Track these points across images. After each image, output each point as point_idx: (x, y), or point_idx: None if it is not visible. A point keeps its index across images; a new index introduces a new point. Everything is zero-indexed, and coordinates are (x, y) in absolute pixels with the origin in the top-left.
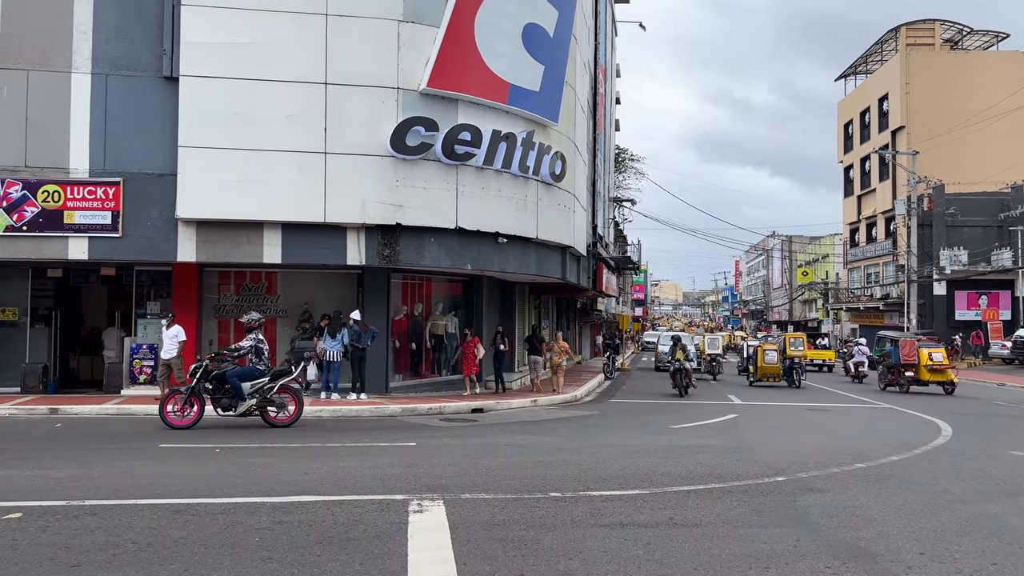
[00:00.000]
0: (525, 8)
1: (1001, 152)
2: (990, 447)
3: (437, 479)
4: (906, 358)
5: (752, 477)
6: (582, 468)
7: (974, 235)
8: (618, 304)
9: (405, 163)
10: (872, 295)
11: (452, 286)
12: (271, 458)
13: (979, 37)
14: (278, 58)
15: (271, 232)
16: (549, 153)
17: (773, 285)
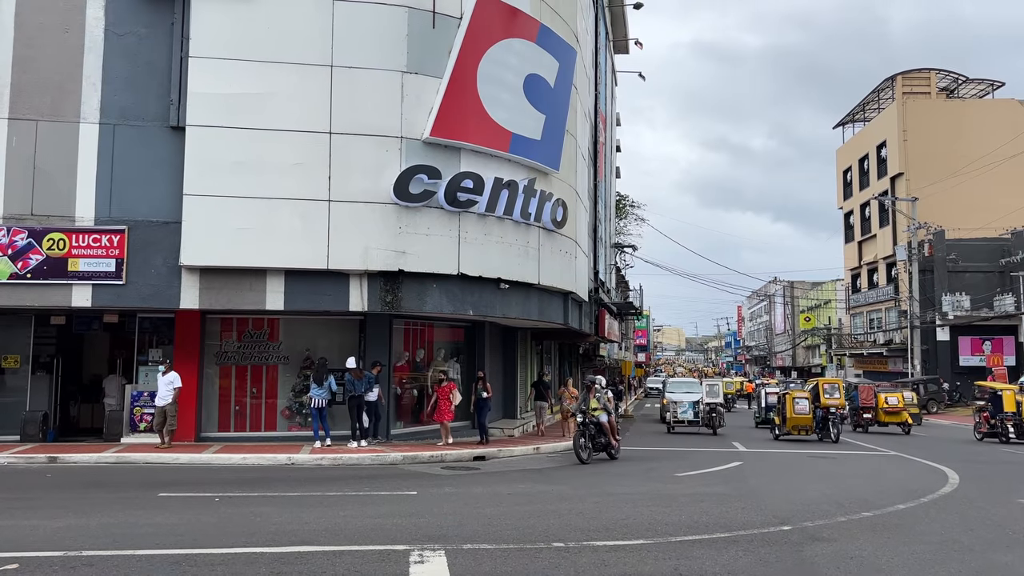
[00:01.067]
0: (526, 59)
1: (1000, 198)
2: (998, 495)
3: (438, 529)
4: (864, 402)
5: (757, 526)
6: (585, 517)
7: (976, 280)
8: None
9: (408, 210)
10: (875, 341)
11: (454, 332)
12: (271, 507)
13: (975, 85)
14: (283, 108)
15: (274, 279)
16: (550, 200)
17: (776, 331)
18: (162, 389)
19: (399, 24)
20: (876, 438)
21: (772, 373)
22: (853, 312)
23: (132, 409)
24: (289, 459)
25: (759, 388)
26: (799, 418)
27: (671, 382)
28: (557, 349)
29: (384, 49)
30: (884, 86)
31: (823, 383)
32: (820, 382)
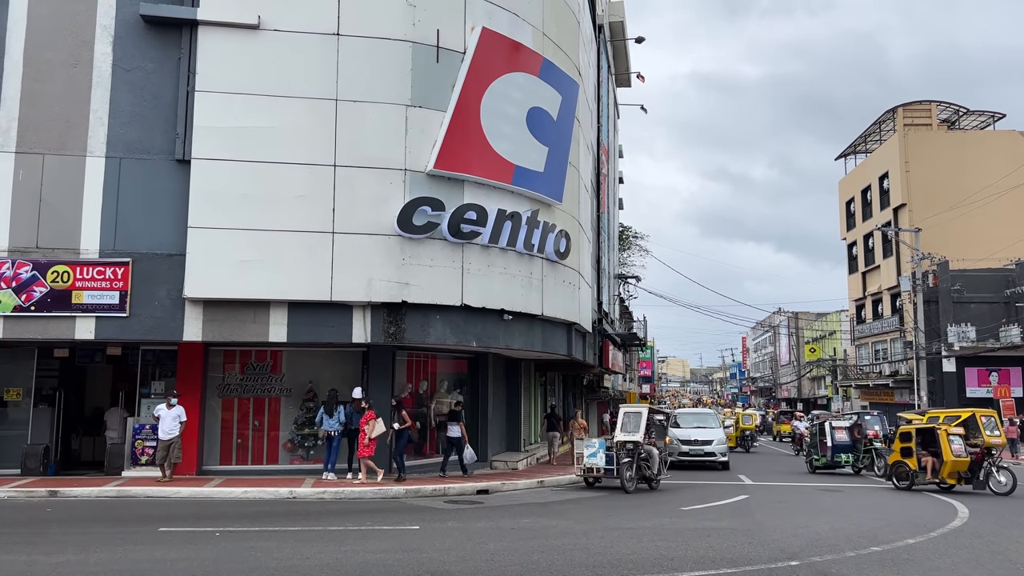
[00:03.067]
0: (529, 93)
1: (1003, 229)
2: (1008, 529)
3: (441, 565)
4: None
5: (764, 561)
6: (590, 553)
7: (981, 311)
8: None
9: (412, 242)
10: (881, 372)
11: (457, 363)
12: (272, 542)
13: (975, 117)
14: (288, 141)
15: (277, 311)
16: (554, 231)
17: (781, 362)
18: (168, 423)
19: (403, 58)
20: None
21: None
22: (858, 343)
23: (134, 442)
24: (291, 493)
25: (816, 424)
26: (959, 462)
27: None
28: (561, 380)
29: (388, 83)
30: (885, 118)
31: (980, 415)
32: (977, 414)
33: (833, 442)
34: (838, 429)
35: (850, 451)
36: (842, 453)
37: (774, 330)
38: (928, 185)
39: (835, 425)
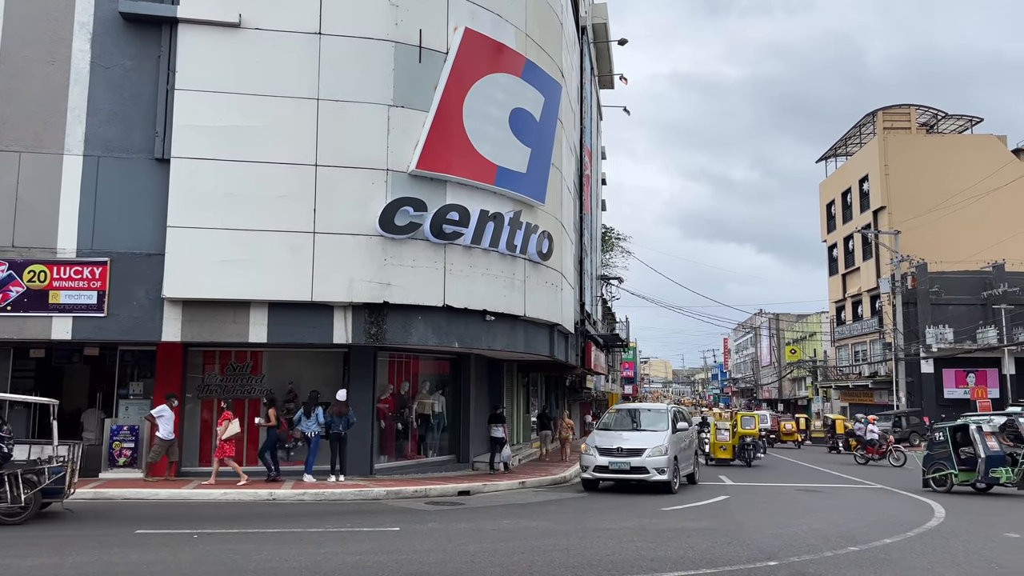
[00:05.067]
0: (512, 94)
1: (981, 231)
2: (984, 529)
3: (421, 566)
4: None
5: (744, 562)
6: (570, 553)
7: (959, 313)
8: (607, 382)
9: (393, 242)
10: (860, 373)
11: (439, 364)
12: (250, 544)
13: (954, 121)
14: (269, 140)
15: (257, 311)
16: (536, 232)
17: (762, 363)
18: (170, 423)
19: (385, 58)
20: (861, 470)
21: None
22: (838, 344)
23: (111, 443)
24: (271, 495)
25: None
26: None
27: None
28: (543, 381)
29: (371, 83)
30: (865, 121)
31: None
32: None
33: (986, 453)
34: (988, 435)
35: (1004, 463)
36: (999, 467)
37: (755, 331)
38: (907, 188)
39: (985, 430)
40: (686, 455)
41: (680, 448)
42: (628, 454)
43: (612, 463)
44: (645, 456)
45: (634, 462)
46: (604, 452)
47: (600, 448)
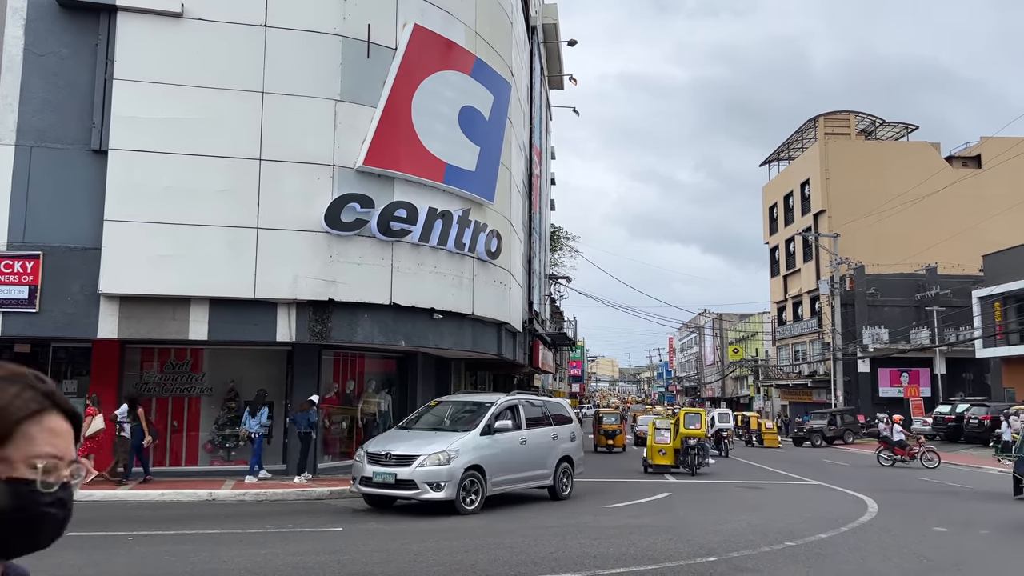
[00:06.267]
0: (461, 92)
1: (916, 235)
2: (914, 523)
3: (363, 566)
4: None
5: (684, 557)
6: (514, 551)
7: (894, 314)
8: (555, 380)
9: (339, 239)
10: (800, 372)
11: (386, 363)
12: (188, 545)
13: (891, 128)
14: (211, 134)
15: (198, 308)
16: (485, 231)
17: (706, 362)
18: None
19: (333, 53)
20: (799, 467)
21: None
22: (779, 344)
23: None
24: (210, 495)
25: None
26: None
27: None
28: (491, 380)
29: (317, 77)
30: (807, 126)
31: None
32: None
33: None
34: None
35: None
36: None
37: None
38: (846, 192)
39: None
40: (521, 462)
41: (499, 454)
42: (396, 463)
43: (376, 474)
44: (415, 467)
45: (401, 474)
46: (373, 459)
47: (370, 453)
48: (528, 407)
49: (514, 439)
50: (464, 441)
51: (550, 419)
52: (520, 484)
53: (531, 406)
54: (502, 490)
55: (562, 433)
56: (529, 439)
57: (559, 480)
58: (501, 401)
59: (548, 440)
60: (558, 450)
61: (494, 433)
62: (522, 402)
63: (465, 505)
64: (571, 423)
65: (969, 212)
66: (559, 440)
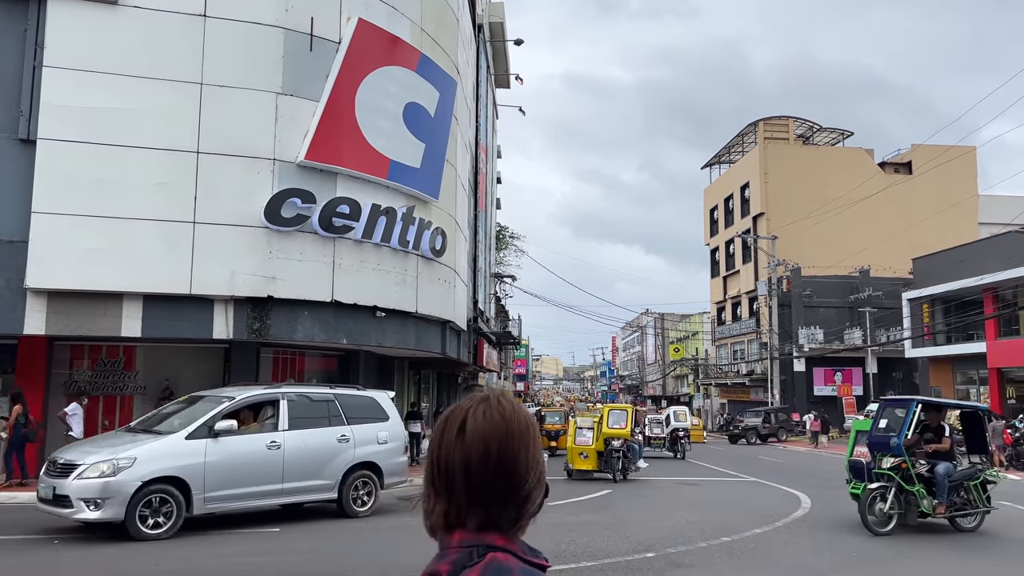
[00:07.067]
0: (406, 88)
1: (850, 238)
2: (845, 518)
3: (300, 567)
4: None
5: (623, 554)
6: None
7: (828, 315)
8: (500, 379)
9: (279, 234)
10: (739, 371)
11: (327, 361)
12: (117, 549)
13: (827, 133)
14: (147, 125)
15: (131, 304)
16: (430, 228)
17: (647, 361)
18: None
19: (274, 45)
20: (735, 464)
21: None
22: (718, 344)
23: None
24: None
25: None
26: None
27: None
28: (436, 378)
29: (258, 69)
30: (747, 130)
31: None
32: None
33: None
34: None
35: None
36: None
37: (642, 330)
38: (785, 196)
39: None
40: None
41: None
42: (60, 472)
43: (43, 485)
44: (72, 479)
45: (60, 487)
46: (48, 467)
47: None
48: (298, 403)
49: (257, 443)
50: (151, 448)
51: (343, 418)
52: (268, 500)
53: (307, 401)
54: (230, 508)
55: (363, 435)
56: (290, 443)
57: (349, 493)
58: (245, 396)
59: (330, 443)
60: (349, 456)
61: (217, 436)
62: (288, 396)
63: (146, 528)
64: (386, 421)
65: (900, 216)
66: (355, 443)
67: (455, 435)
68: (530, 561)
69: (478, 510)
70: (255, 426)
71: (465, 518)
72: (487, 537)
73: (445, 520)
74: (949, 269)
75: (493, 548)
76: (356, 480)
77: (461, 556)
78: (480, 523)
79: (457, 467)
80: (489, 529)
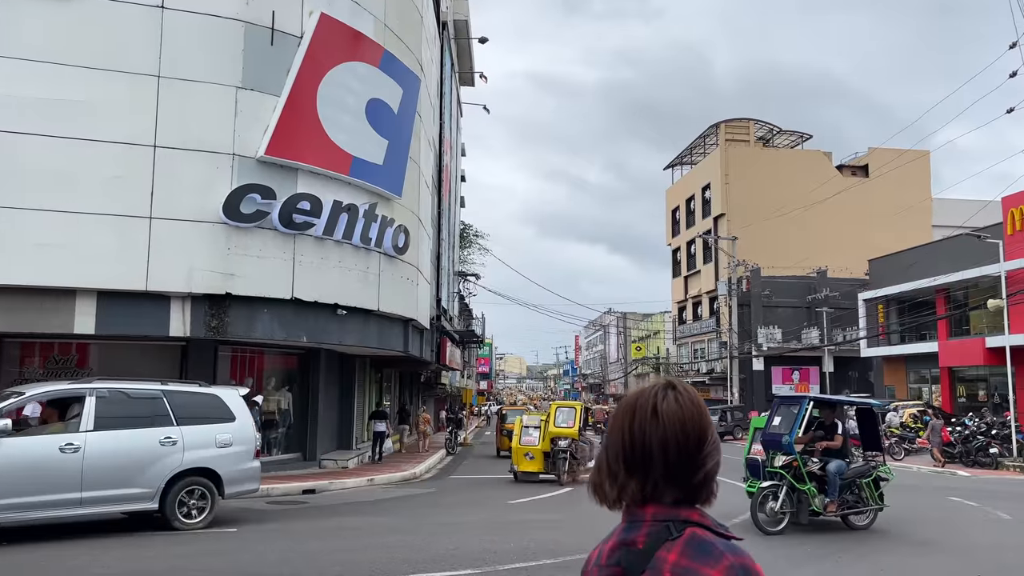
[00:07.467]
0: (369, 84)
1: (808, 240)
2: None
3: (257, 567)
4: None
5: (584, 551)
6: (413, 549)
7: (787, 315)
8: (463, 377)
9: (239, 231)
10: (699, 370)
11: (287, 359)
12: (67, 551)
13: (787, 136)
14: (102, 117)
15: (85, 300)
16: (392, 226)
17: (610, 359)
18: None
19: (235, 38)
20: None
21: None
22: (679, 343)
23: None
24: None
25: None
26: None
27: None
28: (398, 377)
29: (218, 63)
30: (709, 132)
31: None
32: None
33: None
34: None
35: None
36: None
37: (604, 329)
38: (745, 197)
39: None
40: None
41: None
42: None
43: None
44: None
45: None
46: None
47: None
48: (111, 400)
49: (45, 446)
50: None
51: (171, 417)
52: (62, 511)
53: (123, 399)
54: (10, 520)
55: (196, 437)
56: (93, 445)
57: (175, 503)
58: (34, 393)
59: (149, 446)
60: (175, 461)
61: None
62: (98, 393)
63: None
64: (232, 422)
65: (857, 219)
66: (184, 447)
67: (649, 418)
68: (725, 535)
69: (673, 486)
70: (59, 426)
71: (661, 493)
72: (682, 512)
73: (641, 495)
74: (903, 270)
75: (689, 523)
76: (184, 488)
77: (657, 529)
78: (675, 498)
79: (655, 447)
80: (683, 504)
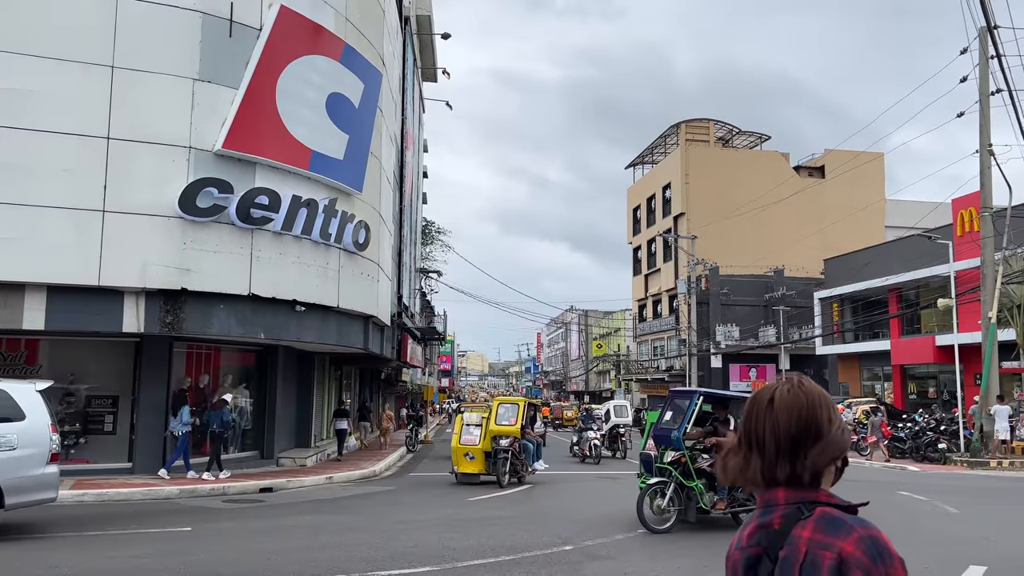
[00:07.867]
0: (330, 78)
1: (766, 239)
2: None
3: (212, 567)
4: None
5: (541, 547)
6: (373, 547)
7: (744, 313)
8: (424, 375)
9: (195, 225)
10: (659, 367)
11: (244, 356)
12: (11, 551)
13: (746, 137)
14: (52, 108)
15: (34, 295)
16: (352, 222)
17: (571, 356)
18: None
19: (192, 29)
20: None
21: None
22: (640, 340)
23: None
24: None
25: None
26: None
27: None
28: (358, 374)
29: (174, 54)
30: (670, 132)
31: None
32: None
33: None
34: None
35: None
36: None
37: (566, 327)
38: (705, 196)
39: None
40: None
41: None
42: None
43: None
44: None
45: None
46: None
47: None
48: None
49: None
50: None
51: None
52: None
53: None
54: None
55: None
56: None
57: None
58: None
59: None
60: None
61: None
62: None
63: None
64: (20, 422)
65: (813, 219)
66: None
67: (765, 408)
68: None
69: (785, 464)
70: None
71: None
72: (810, 494)
73: (763, 476)
74: (857, 270)
75: (818, 503)
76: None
77: (790, 511)
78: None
79: (767, 432)
80: (810, 486)
